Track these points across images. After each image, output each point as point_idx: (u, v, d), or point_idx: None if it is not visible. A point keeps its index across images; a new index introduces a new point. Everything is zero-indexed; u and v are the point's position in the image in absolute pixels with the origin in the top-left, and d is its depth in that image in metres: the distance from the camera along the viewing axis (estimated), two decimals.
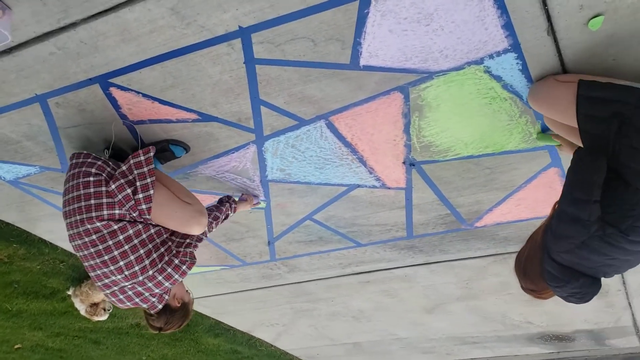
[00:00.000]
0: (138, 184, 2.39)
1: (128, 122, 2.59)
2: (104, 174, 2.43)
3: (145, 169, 2.43)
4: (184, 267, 2.50)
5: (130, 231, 2.39)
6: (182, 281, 2.64)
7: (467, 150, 2.71)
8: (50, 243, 3.78)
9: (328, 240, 3.61)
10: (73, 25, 2.08)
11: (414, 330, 5.20)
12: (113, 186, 2.37)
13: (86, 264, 2.46)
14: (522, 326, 4.88)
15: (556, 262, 2.03)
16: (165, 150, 2.70)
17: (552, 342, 5.21)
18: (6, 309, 4.18)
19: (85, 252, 2.40)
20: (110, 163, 2.52)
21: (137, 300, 2.51)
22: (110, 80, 2.35)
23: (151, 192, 2.39)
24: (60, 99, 2.46)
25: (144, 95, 2.43)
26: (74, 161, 2.52)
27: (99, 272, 2.43)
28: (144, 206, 2.38)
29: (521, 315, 4.65)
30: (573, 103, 2.01)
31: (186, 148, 2.74)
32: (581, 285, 2.03)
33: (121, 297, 2.49)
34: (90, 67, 2.28)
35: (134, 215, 2.39)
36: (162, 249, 2.50)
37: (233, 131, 2.63)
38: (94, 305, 4.14)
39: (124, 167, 2.44)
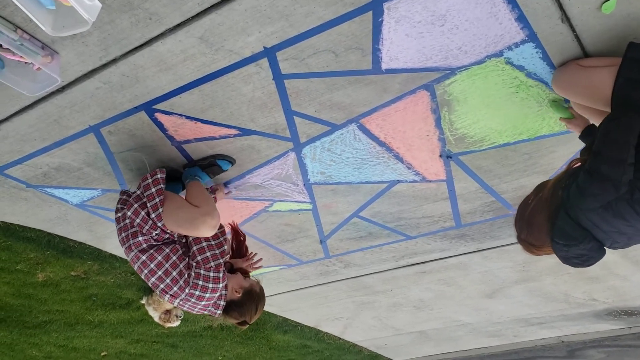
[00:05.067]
0: (149, 205, 2.57)
1: (175, 142, 2.76)
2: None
3: (153, 190, 2.60)
4: (211, 274, 2.61)
5: (159, 257, 2.58)
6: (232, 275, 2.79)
7: (502, 139, 2.74)
8: (120, 257, 4.02)
9: (378, 235, 3.69)
10: (114, 61, 2.26)
11: (477, 316, 5.20)
12: (129, 213, 2.58)
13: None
14: (588, 304, 4.79)
15: (573, 219, 2.02)
16: (213, 164, 2.87)
17: (621, 318, 5.09)
18: (89, 320, 4.49)
19: (141, 275, 2.64)
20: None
21: (197, 309, 2.68)
22: (154, 107, 2.52)
23: (160, 210, 2.56)
24: (112, 128, 2.65)
25: (187, 117, 2.59)
26: (119, 197, 2.79)
27: (159, 288, 2.64)
28: (159, 223, 2.56)
29: (584, 293, 4.57)
30: (599, 86, 2.03)
31: (232, 161, 2.89)
32: (590, 248, 2.04)
33: (186, 306, 2.68)
34: (134, 97, 2.46)
35: (157, 233, 2.57)
36: (194, 263, 2.65)
37: (272, 142, 2.76)
38: (167, 312, 4.34)
39: (138, 192, 2.65)
